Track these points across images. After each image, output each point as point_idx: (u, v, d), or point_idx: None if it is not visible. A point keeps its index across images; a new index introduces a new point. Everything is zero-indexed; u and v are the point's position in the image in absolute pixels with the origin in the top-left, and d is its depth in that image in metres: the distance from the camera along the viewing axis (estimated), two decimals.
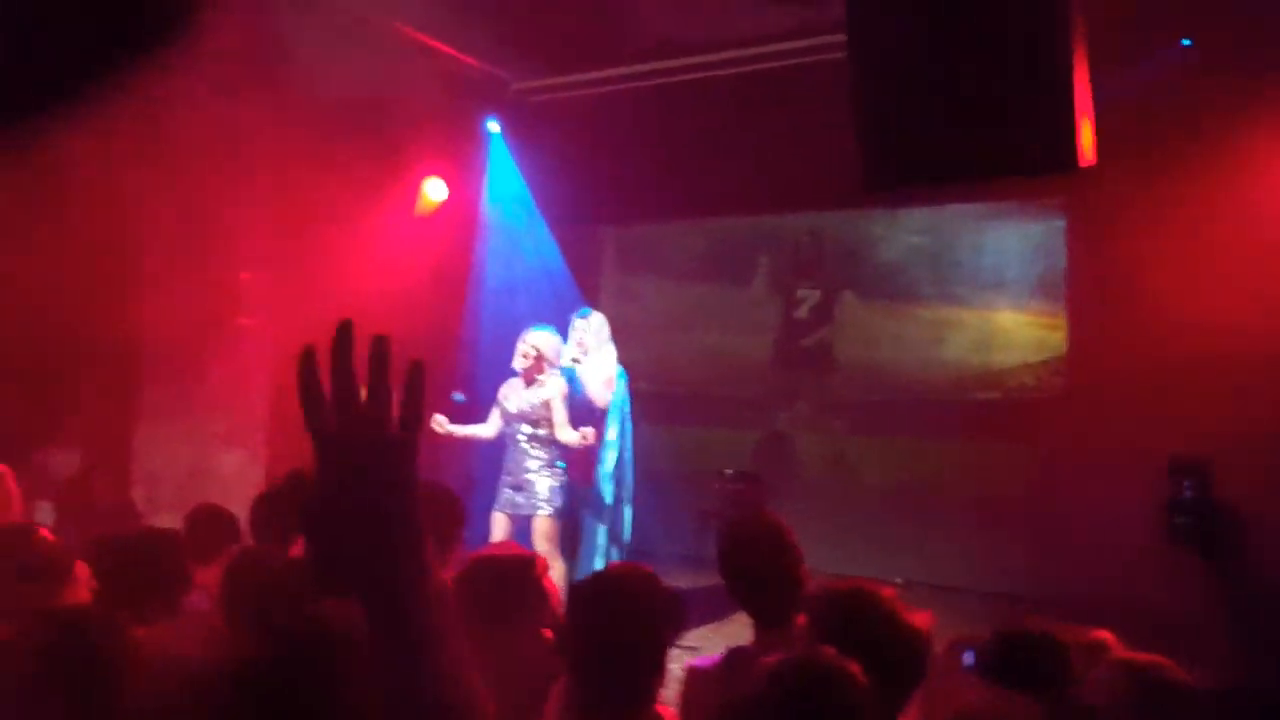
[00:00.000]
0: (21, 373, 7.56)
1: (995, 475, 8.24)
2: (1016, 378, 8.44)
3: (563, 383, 5.86)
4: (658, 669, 2.03)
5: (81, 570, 3.00)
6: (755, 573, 2.67)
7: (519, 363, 5.86)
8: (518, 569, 2.30)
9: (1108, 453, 7.51)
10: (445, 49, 7.91)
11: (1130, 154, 6.62)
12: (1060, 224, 8.20)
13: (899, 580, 8.35)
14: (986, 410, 8.48)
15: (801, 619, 2.24)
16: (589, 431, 5.63)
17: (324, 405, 1.09)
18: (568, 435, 5.63)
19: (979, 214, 8.49)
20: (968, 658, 2.40)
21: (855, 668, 1.76)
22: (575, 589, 2.16)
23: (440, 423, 5.81)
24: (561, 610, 2.40)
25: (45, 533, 3.43)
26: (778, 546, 2.71)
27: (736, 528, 2.83)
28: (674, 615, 2.14)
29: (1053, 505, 7.80)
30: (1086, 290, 7.97)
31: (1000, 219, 8.46)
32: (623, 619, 2.00)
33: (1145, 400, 7.36)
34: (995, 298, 8.50)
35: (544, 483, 5.72)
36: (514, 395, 5.90)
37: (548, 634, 2.31)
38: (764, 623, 2.64)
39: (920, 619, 2.20)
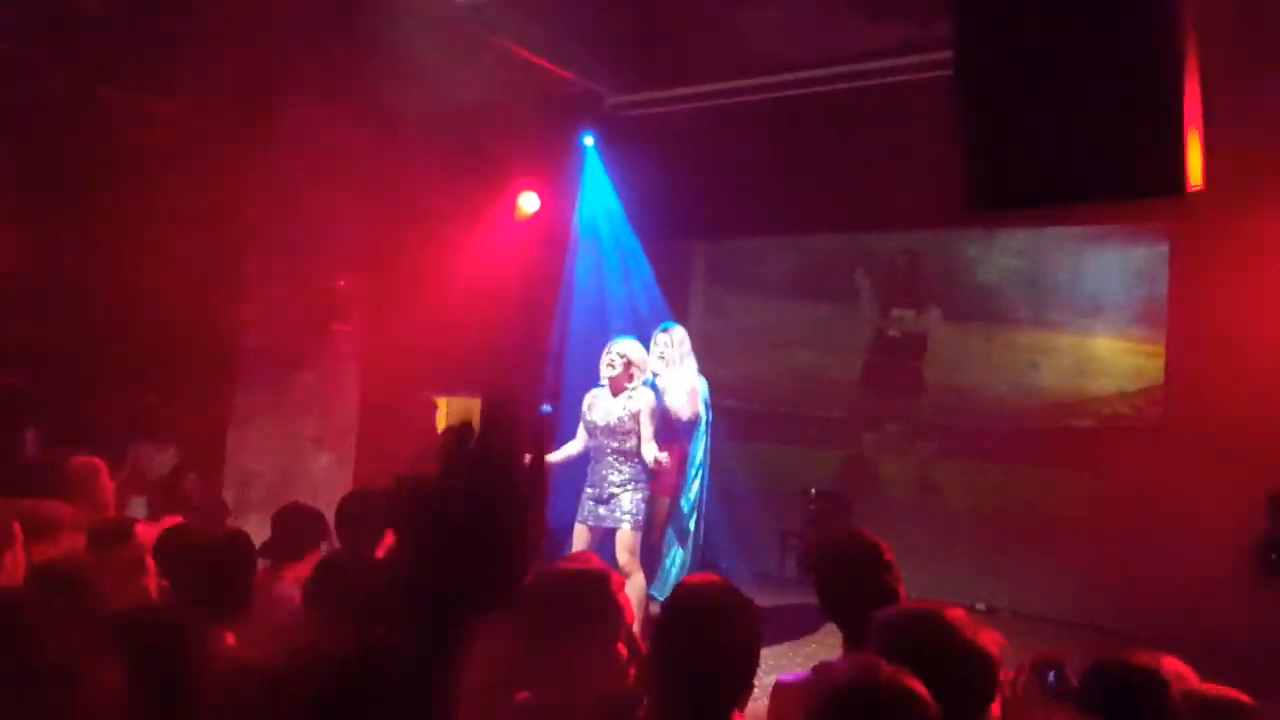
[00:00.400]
0: (120, 371, 7.86)
1: (1086, 504, 8.01)
2: (1111, 406, 8.20)
3: (652, 396, 5.85)
4: (748, 685, 2.02)
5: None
6: (851, 587, 2.62)
7: (606, 372, 5.86)
8: (590, 583, 2.28)
9: (1202, 485, 7.25)
10: (543, 63, 8.01)
11: (1238, 182, 6.39)
12: (1164, 250, 7.95)
13: (981, 606, 8.19)
14: (1079, 438, 8.25)
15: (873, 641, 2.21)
16: (664, 457, 5.62)
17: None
18: (648, 452, 5.63)
19: (1079, 237, 8.28)
20: (1050, 678, 2.40)
21: (918, 685, 1.73)
22: (665, 605, 2.15)
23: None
24: (635, 625, 2.39)
25: (140, 528, 3.57)
26: (876, 562, 2.66)
27: (834, 542, 2.78)
28: (760, 630, 2.12)
29: (1144, 537, 7.55)
30: (1188, 319, 7.71)
31: (1101, 243, 8.23)
32: (716, 635, 1.99)
33: (1243, 434, 7.09)
34: (1092, 323, 8.27)
35: (629, 496, 5.72)
36: (600, 406, 5.89)
37: (622, 649, 2.30)
38: (854, 640, 2.58)
39: (989, 640, 2.15)
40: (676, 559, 6.23)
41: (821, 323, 9.56)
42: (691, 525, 6.23)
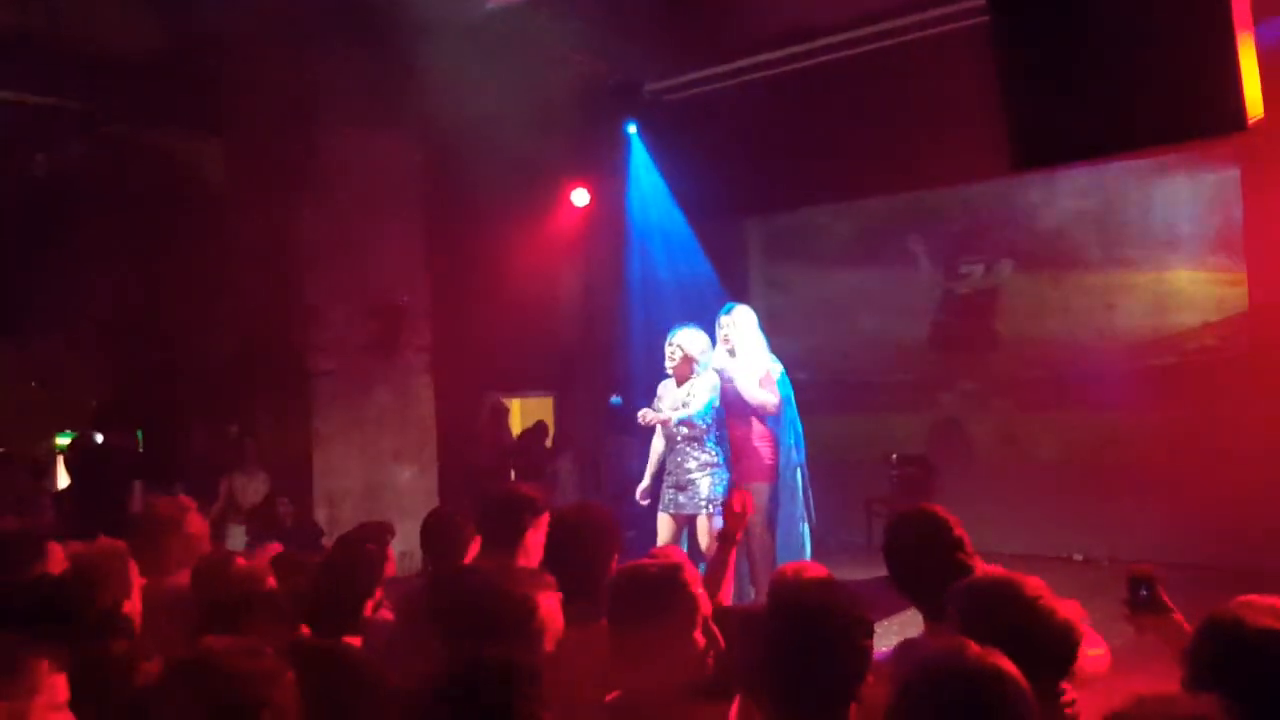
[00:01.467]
0: (204, 407, 8.10)
1: (1175, 443, 7.78)
2: (1196, 339, 7.95)
3: (715, 379, 5.81)
4: (862, 677, 2.00)
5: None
6: (919, 566, 2.59)
7: (669, 364, 5.86)
8: (661, 576, 2.34)
9: None
10: (577, 58, 8.01)
11: None
12: (1234, 175, 7.66)
13: (1079, 557, 8.02)
14: (1165, 376, 8.01)
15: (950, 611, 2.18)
16: (650, 414, 5.68)
17: None
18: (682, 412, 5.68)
19: (1145, 170, 8.01)
20: (1142, 593, 2.43)
21: (1007, 663, 1.70)
22: (772, 606, 2.14)
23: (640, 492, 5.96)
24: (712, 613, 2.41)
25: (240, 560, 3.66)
26: (942, 539, 2.62)
27: (899, 522, 2.75)
28: (869, 623, 2.10)
29: (1239, 469, 7.31)
30: (1266, 243, 7.43)
31: (1168, 174, 7.96)
32: (828, 633, 1.98)
33: None
34: (1168, 257, 8.02)
35: (706, 481, 5.71)
36: (668, 397, 5.90)
37: (699, 638, 2.33)
38: (931, 616, 2.55)
39: (1068, 608, 2.11)
40: (805, 535, 6.13)
41: (885, 286, 9.42)
42: (800, 506, 6.13)
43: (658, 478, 5.95)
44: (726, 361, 6.01)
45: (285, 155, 7.63)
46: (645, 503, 5.97)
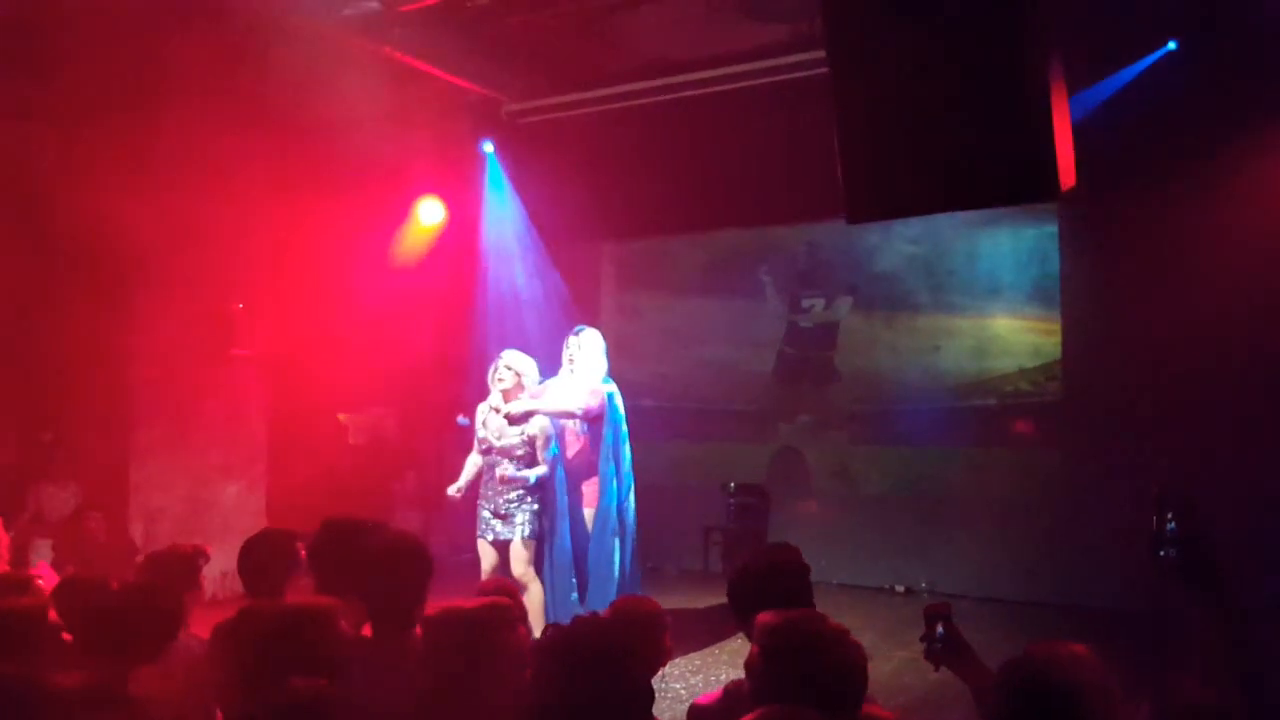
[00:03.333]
0: (14, 412, 7.58)
1: (995, 481, 8.25)
2: (1013, 383, 8.44)
3: (547, 423, 5.83)
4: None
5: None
6: (764, 604, 2.63)
7: (497, 385, 5.82)
8: (486, 626, 2.28)
9: (1103, 457, 7.55)
10: (439, 73, 7.93)
11: (1121, 159, 6.67)
12: (1053, 230, 8.20)
13: (901, 588, 8.38)
14: (984, 416, 8.48)
15: (754, 649, 2.24)
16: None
17: None
18: (536, 473, 5.71)
19: (972, 221, 8.45)
20: (939, 630, 2.43)
21: None
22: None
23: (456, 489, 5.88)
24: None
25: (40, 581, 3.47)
26: (790, 575, 2.69)
27: (749, 558, 2.79)
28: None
29: (1051, 511, 7.83)
30: (1081, 295, 7.99)
31: (993, 225, 8.44)
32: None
33: (1140, 403, 7.40)
34: (990, 305, 8.50)
35: (522, 511, 5.72)
36: (493, 423, 5.84)
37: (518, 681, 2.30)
38: None
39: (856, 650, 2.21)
40: (619, 561, 6.17)
41: (732, 317, 9.64)
42: (620, 529, 6.16)
43: (472, 487, 5.92)
44: (563, 383, 6.04)
45: (121, 147, 7.27)
46: (453, 495, 5.89)
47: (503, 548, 5.76)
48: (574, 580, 5.84)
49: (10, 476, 6.91)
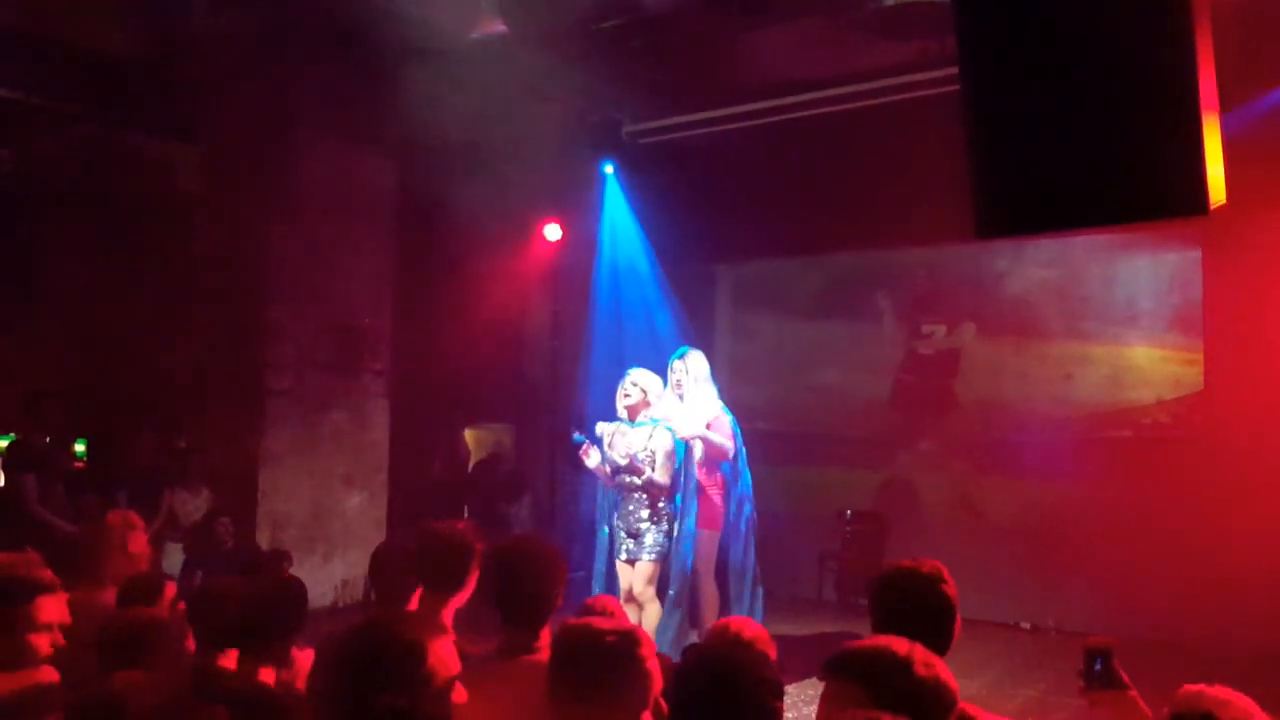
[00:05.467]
0: (151, 419, 7.94)
1: (1128, 517, 7.84)
2: (1151, 415, 8.03)
3: (669, 438, 5.76)
4: None
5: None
6: (912, 614, 2.49)
7: (623, 401, 5.80)
8: (619, 648, 2.15)
9: (1249, 494, 7.10)
10: (562, 95, 8.03)
11: (1267, 181, 6.30)
12: (1196, 255, 7.79)
13: (1026, 625, 8.03)
14: (1119, 449, 8.09)
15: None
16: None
17: None
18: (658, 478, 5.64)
19: (1110, 245, 8.14)
20: (1097, 666, 2.39)
21: None
22: (679, 671, 2.09)
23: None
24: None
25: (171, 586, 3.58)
26: (939, 587, 2.57)
27: (899, 566, 2.68)
28: (775, 682, 2.07)
29: (1190, 548, 7.38)
30: (1224, 324, 7.56)
31: (1132, 250, 8.09)
32: (734, 699, 1.94)
33: None
34: (1127, 332, 8.12)
35: (653, 532, 5.68)
36: (620, 442, 5.81)
37: (648, 718, 2.21)
38: None
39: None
40: (754, 594, 6.10)
41: (850, 341, 9.46)
42: (746, 557, 6.09)
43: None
44: (674, 408, 5.98)
45: (260, 167, 7.58)
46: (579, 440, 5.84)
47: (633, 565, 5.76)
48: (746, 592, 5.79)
49: (147, 481, 7.21)
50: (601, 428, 5.89)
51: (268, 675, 2.85)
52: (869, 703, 1.81)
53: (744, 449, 6.16)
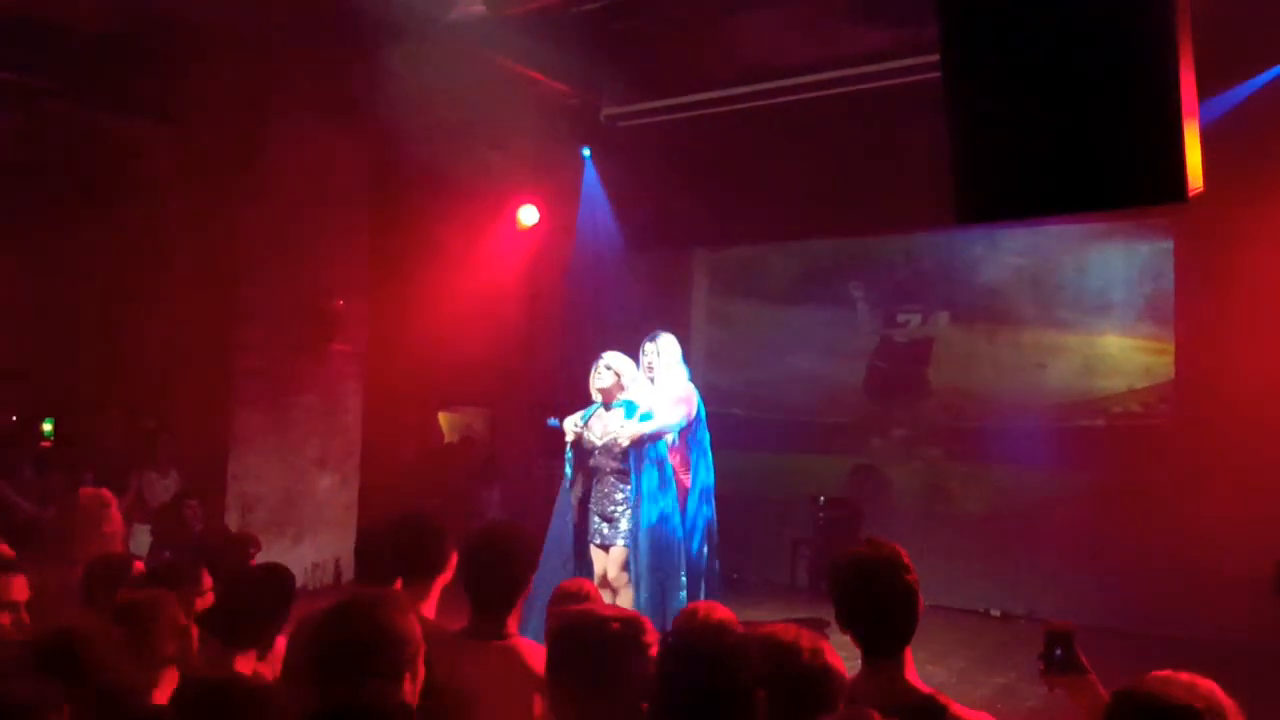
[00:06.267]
0: (120, 399, 7.84)
1: (1098, 505, 7.91)
2: (1122, 404, 8.11)
3: (647, 420, 5.73)
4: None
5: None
6: (874, 601, 2.48)
7: (596, 383, 5.76)
8: (624, 635, 2.12)
9: (1218, 483, 7.17)
10: (537, 77, 7.97)
11: (1243, 171, 6.34)
12: (1167, 245, 7.86)
13: (996, 612, 8.10)
14: (1090, 438, 8.16)
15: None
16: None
17: None
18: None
19: (1082, 234, 8.19)
20: (1057, 652, 2.41)
21: None
22: (665, 649, 2.06)
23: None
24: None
25: (139, 564, 3.54)
26: (899, 574, 2.58)
27: (858, 553, 2.68)
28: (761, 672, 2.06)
29: (1159, 536, 7.46)
30: (1195, 314, 7.62)
31: (1105, 240, 8.15)
32: (719, 682, 1.93)
33: (1259, 428, 7.02)
34: (1099, 321, 8.18)
35: (627, 516, 5.66)
36: (596, 424, 5.79)
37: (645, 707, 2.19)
38: (872, 652, 2.49)
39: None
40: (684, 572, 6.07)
41: (826, 328, 9.48)
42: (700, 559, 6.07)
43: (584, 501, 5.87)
44: (645, 392, 5.96)
45: (232, 147, 7.48)
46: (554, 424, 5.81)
47: (607, 550, 5.73)
48: (684, 579, 5.71)
49: (115, 462, 7.13)
50: (567, 424, 5.84)
51: (245, 664, 2.81)
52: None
53: (705, 423, 6.13)
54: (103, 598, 3.09)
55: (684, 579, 5.62)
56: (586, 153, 9.28)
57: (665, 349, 6.06)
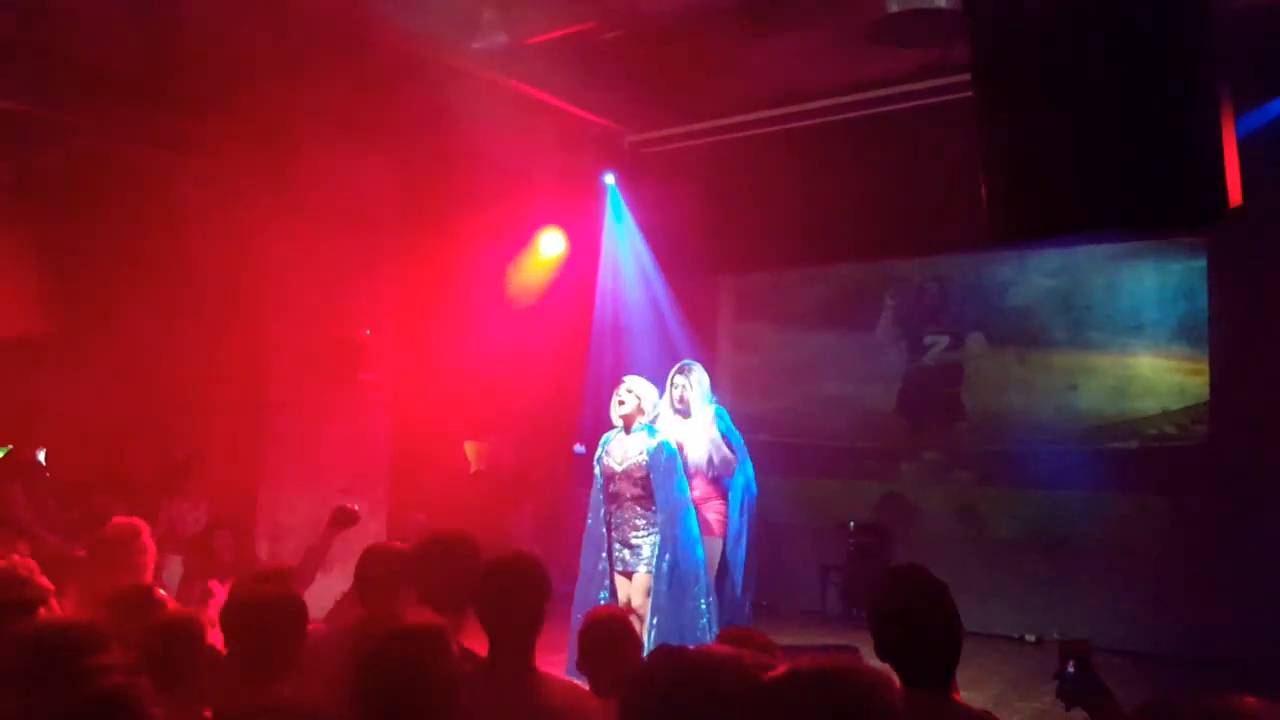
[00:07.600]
0: (151, 430, 7.87)
1: (1132, 528, 7.79)
2: (1156, 426, 7.99)
3: (670, 450, 5.69)
4: None
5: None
6: (914, 629, 2.43)
7: (618, 409, 5.74)
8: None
9: (1252, 506, 7.05)
10: (561, 105, 7.99)
11: (1275, 188, 6.25)
12: (1200, 264, 7.76)
13: (1031, 637, 7.97)
14: (1124, 460, 8.04)
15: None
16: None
17: None
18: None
19: (1114, 254, 8.11)
20: (1070, 668, 2.37)
21: None
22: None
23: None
24: None
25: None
26: (940, 601, 2.52)
27: (896, 578, 2.63)
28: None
29: (1194, 561, 7.33)
30: (1230, 334, 7.51)
31: (1137, 259, 8.06)
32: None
33: None
34: (1132, 342, 8.08)
35: (649, 542, 5.62)
36: (616, 449, 5.76)
37: None
38: (912, 682, 2.43)
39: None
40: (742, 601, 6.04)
41: (854, 352, 9.42)
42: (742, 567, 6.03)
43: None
44: (680, 427, 5.95)
45: (258, 180, 7.54)
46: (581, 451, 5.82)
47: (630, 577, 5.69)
48: (704, 606, 5.65)
49: (145, 493, 7.15)
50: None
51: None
52: None
53: (748, 458, 6.12)
54: (128, 631, 3.07)
55: (704, 606, 5.58)
56: (610, 179, 9.29)
57: (698, 382, 6.06)
